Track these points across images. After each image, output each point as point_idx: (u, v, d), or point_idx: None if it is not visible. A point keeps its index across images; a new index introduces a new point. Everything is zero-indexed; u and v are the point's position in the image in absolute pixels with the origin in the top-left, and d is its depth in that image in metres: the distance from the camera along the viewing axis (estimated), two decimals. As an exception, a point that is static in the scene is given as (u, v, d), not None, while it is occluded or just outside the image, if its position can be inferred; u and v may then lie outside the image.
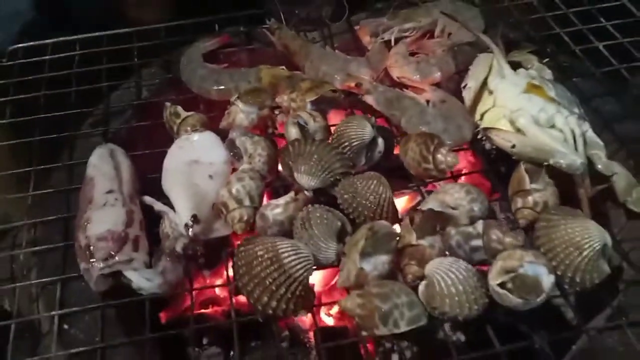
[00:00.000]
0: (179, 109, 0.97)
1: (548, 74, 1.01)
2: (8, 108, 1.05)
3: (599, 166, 0.87)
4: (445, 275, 0.73)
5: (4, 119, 1.03)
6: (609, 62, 1.09)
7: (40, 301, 0.81)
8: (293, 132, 0.93)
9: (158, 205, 0.87)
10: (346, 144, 0.91)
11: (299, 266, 0.74)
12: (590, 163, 0.87)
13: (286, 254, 0.74)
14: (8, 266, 0.86)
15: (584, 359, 0.75)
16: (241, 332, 0.80)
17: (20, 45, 1.16)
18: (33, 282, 0.82)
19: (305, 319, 0.96)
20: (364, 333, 0.75)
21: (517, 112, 0.89)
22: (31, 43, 1.16)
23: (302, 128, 0.94)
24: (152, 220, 0.87)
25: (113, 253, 0.79)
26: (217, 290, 0.99)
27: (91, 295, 0.80)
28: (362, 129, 0.91)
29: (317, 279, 0.97)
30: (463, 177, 0.97)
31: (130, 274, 0.78)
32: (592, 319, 0.82)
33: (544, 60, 1.09)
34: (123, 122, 1.06)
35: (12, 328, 0.77)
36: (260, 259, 0.74)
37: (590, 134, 0.90)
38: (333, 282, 0.98)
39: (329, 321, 0.98)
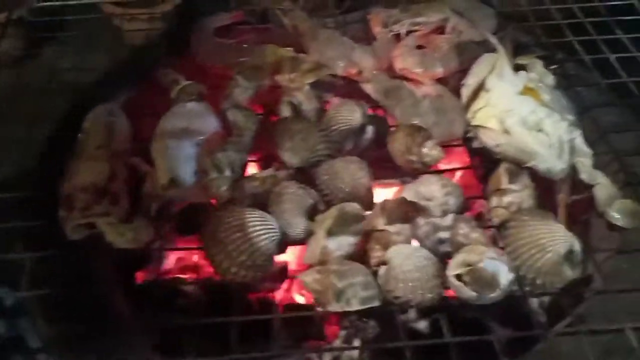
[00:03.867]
0: (179, 76, 1.00)
1: (550, 79, 1.00)
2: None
3: (583, 175, 0.86)
4: (404, 260, 0.74)
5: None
6: (617, 74, 1.07)
7: (20, 242, 0.84)
8: (285, 111, 0.95)
9: (144, 167, 0.90)
10: (334, 127, 0.92)
11: (263, 236, 0.76)
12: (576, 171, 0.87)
13: (252, 223, 0.76)
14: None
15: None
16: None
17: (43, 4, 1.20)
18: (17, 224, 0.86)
19: (277, 296, 0.98)
20: (319, 308, 0.76)
21: (507, 112, 0.89)
22: (50, 3, 1.20)
23: (296, 108, 0.96)
24: (139, 181, 0.90)
25: (91, 204, 0.82)
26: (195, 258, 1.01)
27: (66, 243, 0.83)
28: (351, 114, 0.92)
29: (291, 257, 0.99)
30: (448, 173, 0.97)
31: (104, 227, 0.81)
32: (556, 325, 0.82)
33: (552, 67, 1.08)
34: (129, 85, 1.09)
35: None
36: (226, 225, 0.76)
37: (579, 141, 0.89)
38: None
39: (301, 300, 0.99)
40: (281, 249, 0.80)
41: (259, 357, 0.77)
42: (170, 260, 1.01)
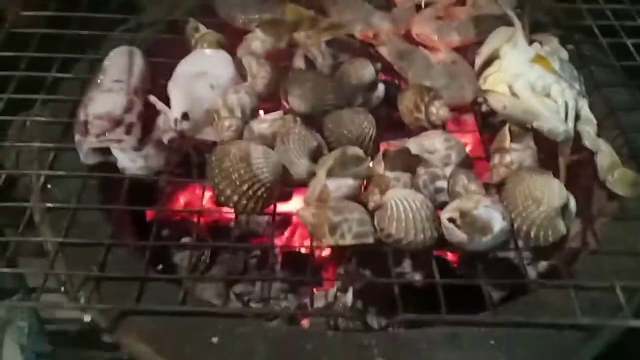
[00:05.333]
0: (200, 25, 1.03)
1: (564, 54, 1.01)
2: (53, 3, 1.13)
3: (586, 142, 0.87)
4: (400, 202, 0.75)
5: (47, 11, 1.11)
6: (632, 58, 1.08)
7: (35, 162, 0.88)
8: (299, 63, 0.98)
9: (159, 105, 0.93)
10: (345, 81, 0.94)
11: (265, 169, 0.78)
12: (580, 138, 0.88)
13: (256, 156, 0.79)
14: (17, 132, 0.95)
15: (522, 307, 0.75)
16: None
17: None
18: (34, 144, 0.90)
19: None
20: (315, 243, 0.79)
21: (516, 76, 0.91)
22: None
23: (310, 62, 0.98)
24: (153, 120, 0.93)
25: (106, 131, 0.85)
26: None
27: (79, 166, 0.86)
28: (364, 70, 0.94)
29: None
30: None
31: (116, 153, 0.84)
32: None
33: (568, 46, 1.10)
34: (151, 33, 1.12)
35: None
36: (231, 155, 0.79)
37: (586, 110, 0.90)
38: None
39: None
40: (284, 186, 0.83)
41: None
42: (179, 201, 1.04)
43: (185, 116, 0.86)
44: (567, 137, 0.85)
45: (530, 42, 1.00)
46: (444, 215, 0.75)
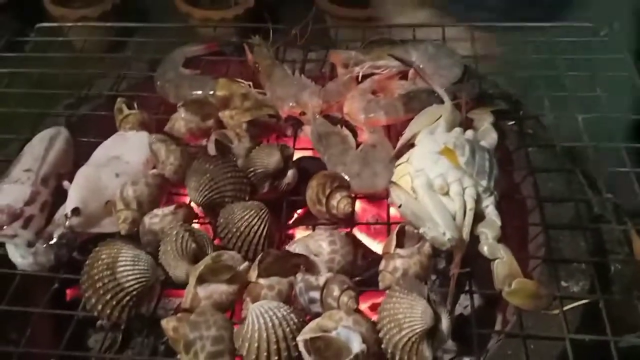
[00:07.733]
0: (124, 105, 1.03)
1: (492, 137, 0.95)
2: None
3: (484, 247, 0.80)
4: (257, 318, 0.72)
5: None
6: (578, 138, 1.00)
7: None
8: (211, 149, 0.97)
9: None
10: (251, 169, 0.93)
11: (130, 277, 0.77)
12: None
13: (122, 263, 0.78)
14: None
15: None
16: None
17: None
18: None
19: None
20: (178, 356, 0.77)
21: (417, 171, 0.86)
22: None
23: (224, 146, 0.97)
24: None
25: (3, 225, 0.87)
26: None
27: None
28: (269, 158, 0.92)
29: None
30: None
31: (9, 248, 0.86)
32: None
33: (510, 123, 1.04)
34: (93, 109, 1.14)
35: None
36: (100, 261, 0.78)
37: (491, 210, 0.84)
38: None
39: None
40: (155, 291, 0.82)
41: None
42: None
43: (75, 211, 0.87)
44: (456, 245, 0.79)
45: (465, 120, 0.96)
46: (300, 336, 0.72)
